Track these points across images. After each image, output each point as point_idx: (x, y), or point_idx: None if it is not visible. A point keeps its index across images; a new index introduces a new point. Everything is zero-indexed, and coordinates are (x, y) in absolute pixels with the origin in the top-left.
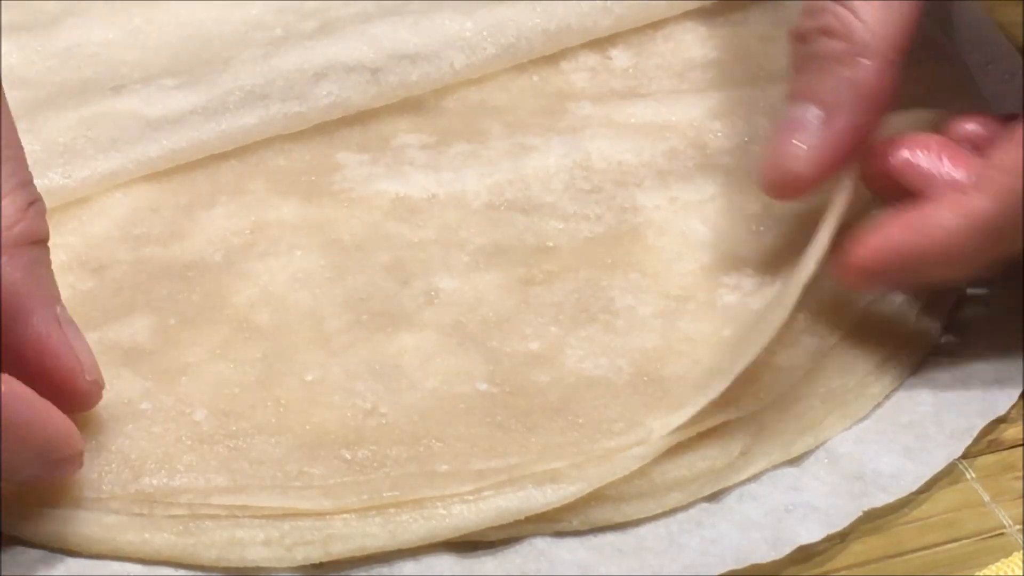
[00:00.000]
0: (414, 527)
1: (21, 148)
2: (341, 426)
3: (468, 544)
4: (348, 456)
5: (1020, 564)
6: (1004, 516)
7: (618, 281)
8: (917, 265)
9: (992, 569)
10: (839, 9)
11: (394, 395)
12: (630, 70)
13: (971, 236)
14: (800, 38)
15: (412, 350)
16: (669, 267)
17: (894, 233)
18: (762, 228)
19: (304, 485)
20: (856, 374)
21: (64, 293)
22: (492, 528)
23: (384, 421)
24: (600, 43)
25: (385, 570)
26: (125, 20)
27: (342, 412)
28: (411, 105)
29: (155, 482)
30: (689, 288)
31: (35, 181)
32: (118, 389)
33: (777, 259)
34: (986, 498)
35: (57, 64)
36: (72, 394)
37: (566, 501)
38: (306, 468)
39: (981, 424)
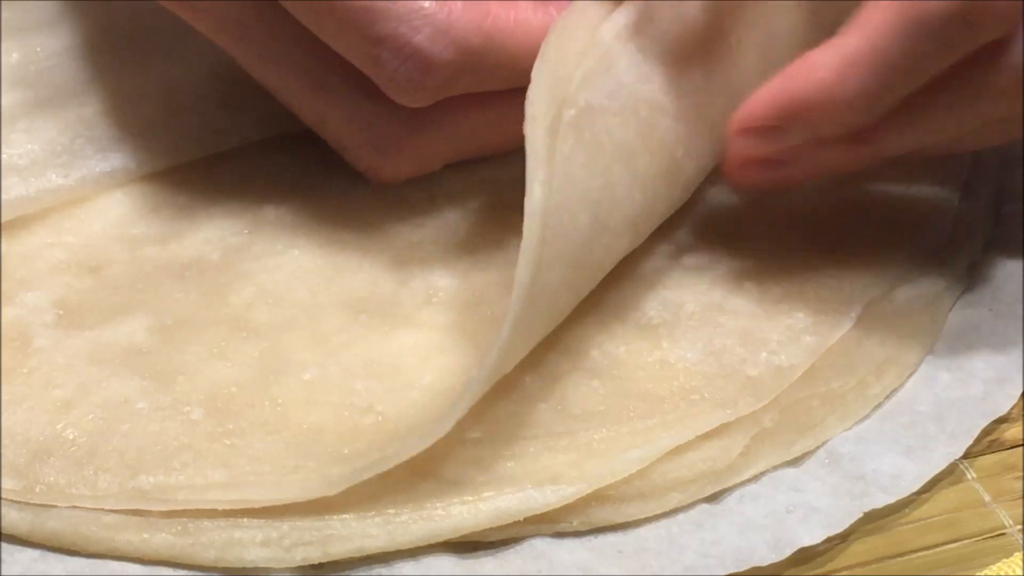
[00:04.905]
0: (413, 528)
1: None
2: (338, 424)
3: (468, 545)
4: (346, 451)
5: (1021, 564)
6: (1005, 516)
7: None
8: (803, 111)
9: (993, 569)
10: None
11: (391, 393)
12: None
13: (847, 74)
14: None
15: (410, 349)
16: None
17: (777, 84)
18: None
19: (301, 479)
20: (856, 374)
21: (61, 292)
22: (492, 529)
23: (381, 419)
24: None
25: (384, 571)
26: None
27: (339, 411)
28: None
29: (152, 480)
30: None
31: (33, 181)
32: (115, 388)
33: None
34: (987, 498)
35: (57, 64)
36: None
37: (566, 502)
38: (303, 463)
39: (982, 424)
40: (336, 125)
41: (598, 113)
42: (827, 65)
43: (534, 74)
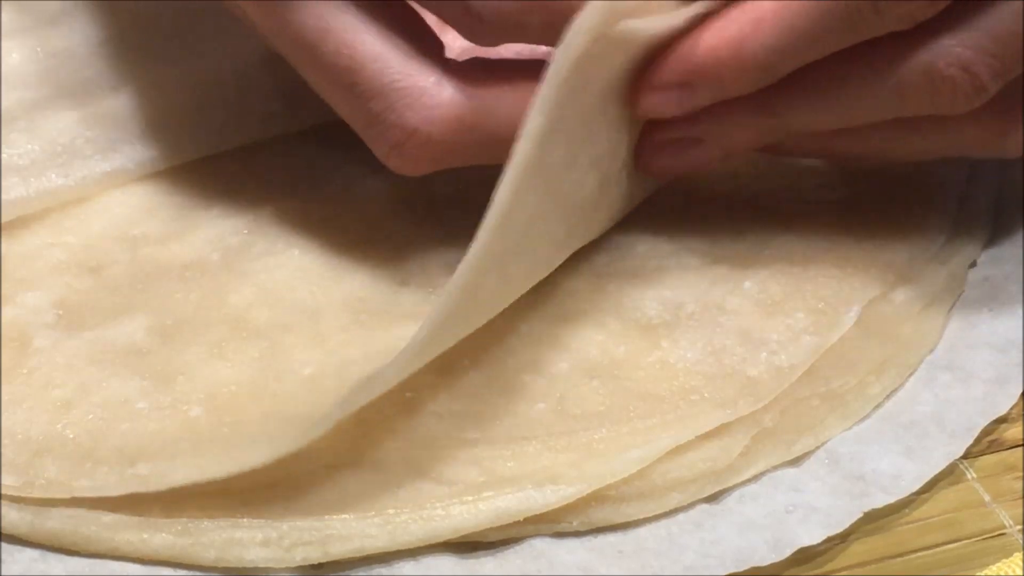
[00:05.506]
0: (413, 528)
1: None
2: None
3: (468, 545)
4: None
5: (1021, 565)
6: (1005, 516)
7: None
8: (712, 66)
9: (993, 569)
10: None
11: None
12: None
13: (755, 32)
14: None
15: (408, 339)
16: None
17: (689, 40)
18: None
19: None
20: (856, 374)
21: (61, 292)
22: (492, 529)
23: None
24: None
25: (384, 571)
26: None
27: (337, 394)
28: None
29: (150, 466)
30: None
31: (33, 181)
32: (115, 388)
33: None
34: (987, 498)
35: (57, 64)
36: None
37: (566, 502)
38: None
39: (982, 424)
40: (370, 80)
41: (620, 53)
42: (738, 23)
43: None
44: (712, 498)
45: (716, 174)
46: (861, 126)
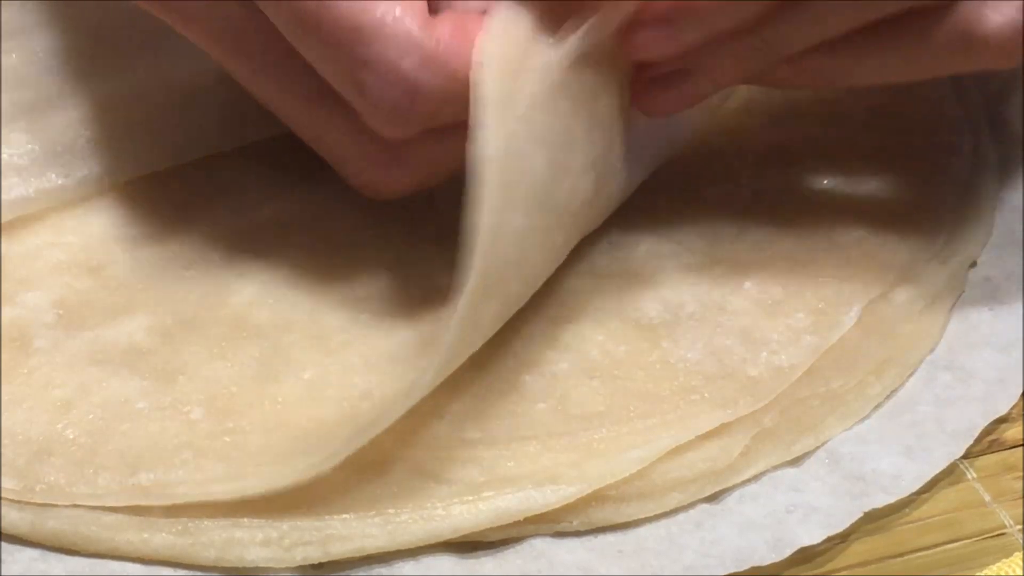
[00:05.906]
0: (413, 528)
1: None
2: (338, 415)
3: (468, 545)
4: (345, 433)
5: (1021, 564)
6: (1005, 516)
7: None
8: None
9: (993, 569)
10: None
11: (390, 380)
12: None
13: None
14: None
15: (410, 344)
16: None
17: None
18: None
19: (299, 464)
20: (856, 374)
21: (61, 292)
22: (492, 529)
23: (379, 401)
24: None
25: (384, 571)
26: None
27: (339, 404)
28: None
29: (151, 476)
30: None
31: (34, 181)
32: (115, 388)
33: None
34: (987, 498)
35: (57, 64)
36: None
37: (566, 502)
38: (304, 451)
39: (982, 424)
40: (336, 137)
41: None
42: None
43: (490, 21)
44: (712, 498)
45: (716, 174)
46: (839, 43)
